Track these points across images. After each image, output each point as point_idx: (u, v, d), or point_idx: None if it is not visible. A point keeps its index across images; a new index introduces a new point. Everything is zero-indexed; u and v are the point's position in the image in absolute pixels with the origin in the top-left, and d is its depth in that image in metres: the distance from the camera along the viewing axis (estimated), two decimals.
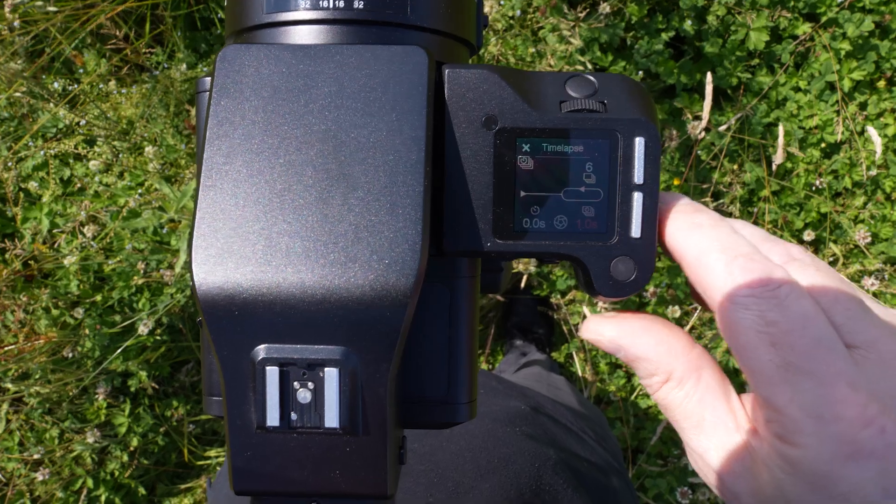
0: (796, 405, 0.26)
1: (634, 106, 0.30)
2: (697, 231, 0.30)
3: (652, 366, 0.30)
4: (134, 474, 1.41)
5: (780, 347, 0.27)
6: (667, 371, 0.30)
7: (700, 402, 0.30)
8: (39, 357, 1.32)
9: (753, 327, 0.27)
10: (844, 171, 1.55)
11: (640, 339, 0.30)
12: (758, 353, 0.27)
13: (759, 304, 0.27)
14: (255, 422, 0.27)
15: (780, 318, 0.27)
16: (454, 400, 0.34)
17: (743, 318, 0.27)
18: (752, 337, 0.27)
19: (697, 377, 0.30)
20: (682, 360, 0.30)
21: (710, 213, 0.30)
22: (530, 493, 0.67)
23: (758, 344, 0.27)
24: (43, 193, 1.41)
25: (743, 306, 0.27)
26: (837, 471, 0.26)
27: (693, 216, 0.30)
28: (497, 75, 0.30)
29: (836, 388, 0.26)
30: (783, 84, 1.55)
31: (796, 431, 0.27)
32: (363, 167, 0.27)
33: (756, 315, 0.27)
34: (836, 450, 0.26)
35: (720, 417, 0.30)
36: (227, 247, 0.27)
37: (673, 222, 0.31)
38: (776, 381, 0.27)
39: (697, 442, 0.30)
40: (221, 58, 0.29)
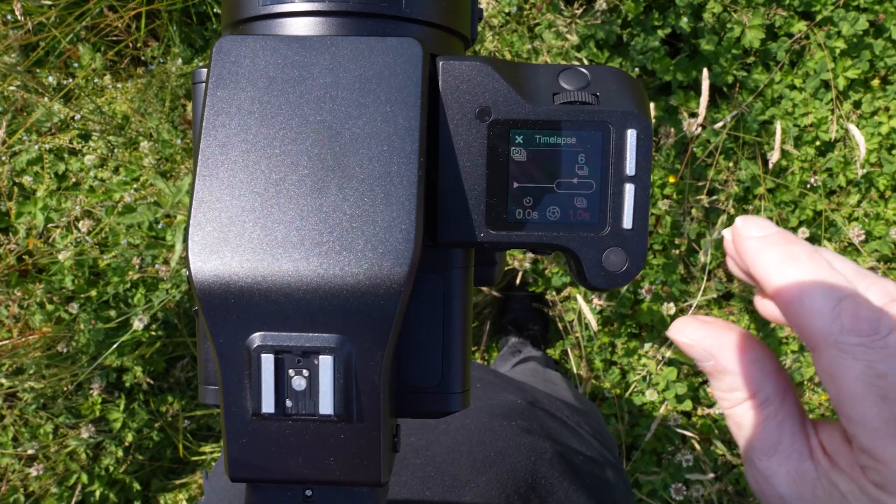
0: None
1: (627, 98, 0.30)
2: (795, 264, 0.29)
3: (739, 381, 0.30)
4: (128, 470, 1.41)
5: (889, 401, 0.26)
6: (753, 390, 0.30)
7: (780, 426, 0.30)
8: (34, 352, 1.32)
9: (861, 378, 0.27)
10: (839, 169, 1.55)
11: (734, 353, 0.30)
12: (865, 404, 0.27)
13: (869, 355, 0.26)
14: (251, 409, 0.28)
15: (891, 371, 0.26)
16: (448, 389, 0.34)
17: (850, 368, 0.27)
18: (859, 387, 0.27)
19: (781, 401, 0.30)
20: (772, 382, 0.30)
21: (804, 245, 0.30)
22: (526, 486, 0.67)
23: (865, 395, 0.27)
24: (37, 188, 1.41)
25: (851, 355, 0.27)
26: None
27: (789, 247, 0.29)
28: (491, 67, 0.30)
29: None
30: (778, 82, 1.55)
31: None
32: (358, 157, 0.27)
33: (865, 365, 0.26)
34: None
35: (796, 444, 0.30)
36: (223, 236, 0.27)
37: (765, 252, 0.30)
38: (883, 434, 0.26)
39: (766, 465, 0.30)
40: (218, 49, 0.29)
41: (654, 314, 1.46)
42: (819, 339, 0.28)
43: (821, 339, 0.27)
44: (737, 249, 0.31)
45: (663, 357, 1.46)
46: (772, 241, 0.30)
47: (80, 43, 1.44)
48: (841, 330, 0.27)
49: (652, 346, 1.48)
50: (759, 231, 0.30)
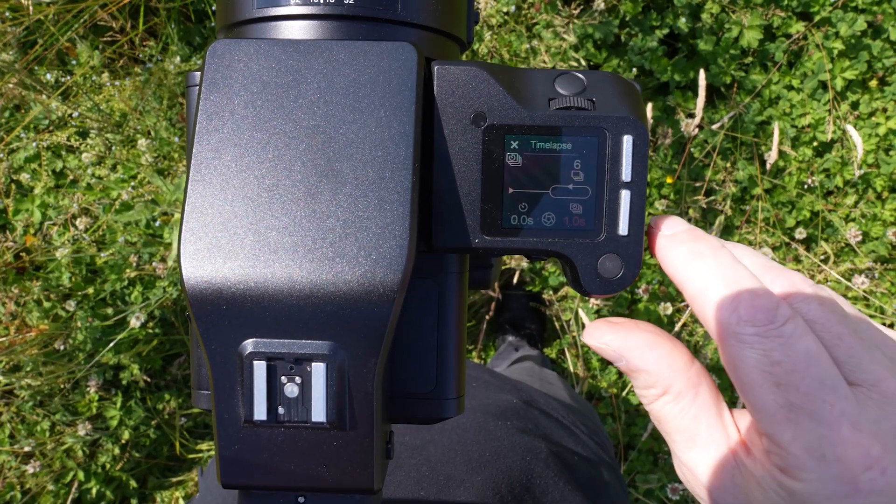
0: (799, 444, 0.27)
1: (623, 104, 0.30)
2: (699, 261, 0.30)
3: (651, 378, 0.31)
4: (125, 467, 1.41)
5: (783, 388, 0.27)
6: (665, 385, 0.31)
7: (695, 418, 0.30)
8: (31, 349, 1.31)
9: (758, 366, 0.27)
10: (836, 169, 1.56)
11: (644, 352, 0.31)
12: (761, 392, 0.27)
13: (764, 343, 0.27)
14: (243, 416, 0.28)
15: (784, 358, 0.27)
16: (442, 395, 0.34)
17: (747, 357, 0.28)
18: (756, 375, 0.28)
19: (695, 393, 0.30)
20: (682, 377, 0.31)
21: (710, 240, 0.31)
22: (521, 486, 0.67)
23: (762, 382, 0.27)
24: (35, 185, 1.41)
25: (748, 344, 0.28)
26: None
27: (694, 244, 0.30)
28: (486, 72, 0.30)
29: (839, 429, 0.27)
30: (776, 82, 1.55)
31: (798, 468, 0.27)
32: (352, 163, 0.27)
33: (760, 354, 0.27)
34: (837, 489, 0.27)
35: (713, 434, 0.30)
36: (215, 241, 0.27)
37: (673, 250, 0.31)
38: (779, 420, 0.27)
39: (688, 456, 0.31)
40: (211, 52, 0.29)
41: (651, 314, 1.46)
42: (720, 330, 0.28)
43: (721, 329, 0.28)
44: (650, 248, 0.32)
45: None
46: (679, 238, 0.31)
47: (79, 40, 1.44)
48: (738, 320, 0.28)
49: None
50: (669, 230, 0.31)
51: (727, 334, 0.28)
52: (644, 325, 0.32)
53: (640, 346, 0.31)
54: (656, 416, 0.32)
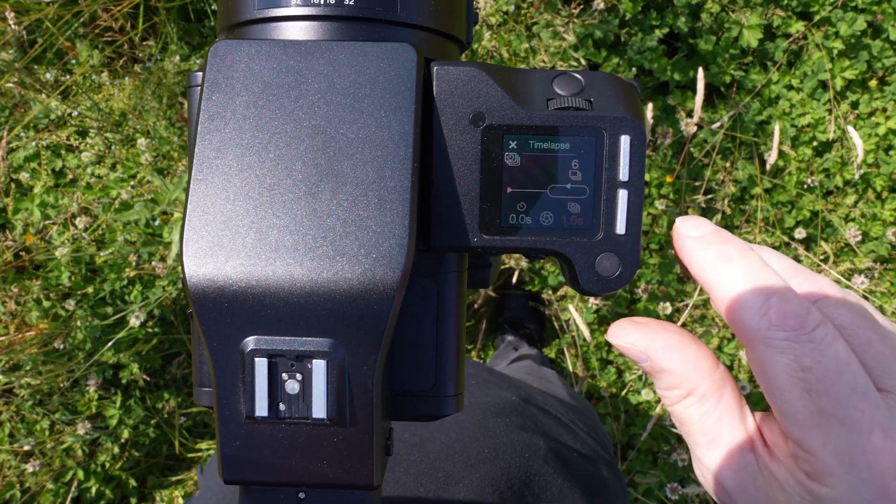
0: (829, 450, 0.27)
1: (620, 104, 0.31)
2: (727, 263, 0.30)
3: (676, 380, 0.31)
4: (125, 466, 1.41)
5: (813, 394, 0.27)
6: (690, 387, 0.31)
7: (718, 421, 0.30)
8: (30, 348, 1.31)
9: (787, 371, 0.27)
10: (836, 169, 1.56)
11: (670, 353, 0.31)
12: (791, 397, 0.27)
13: (795, 349, 0.27)
14: (244, 412, 0.28)
15: (815, 364, 0.27)
16: (441, 393, 0.35)
17: (777, 362, 0.28)
18: (785, 381, 0.27)
19: (719, 396, 0.30)
20: (707, 379, 0.30)
21: (738, 242, 0.30)
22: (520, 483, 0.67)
23: (792, 388, 0.27)
24: (35, 184, 1.41)
25: (778, 350, 0.27)
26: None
27: (721, 246, 0.30)
28: (485, 73, 0.30)
29: (870, 436, 0.27)
30: (776, 82, 1.56)
31: (827, 474, 0.27)
32: (352, 162, 0.28)
33: (791, 359, 0.27)
34: (867, 496, 0.27)
35: (736, 437, 0.30)
36: (217, 240, 0.27)
37: (700, 252, 0.31)
38: (809, 426, 0.27)
39: (710, 458, 0.31)
40: (213, 53, 0.29)
41: (650, 313, 1.46)
42: (749, 335, 0.28)
43: (750, 334, 0.28)
44: (676, 250, 0.32)
45: None
46: (706, 240, 0.31)
47: (78, 40, 1.44)
48: (769, 325, 0.28)
49: None
50: (696, 231, 0.31)
51: (757, 338, 0.28)
52: (669, 325, 0.32)
53: (666, 347, 0.31)
54: (679, 417, 0.32)
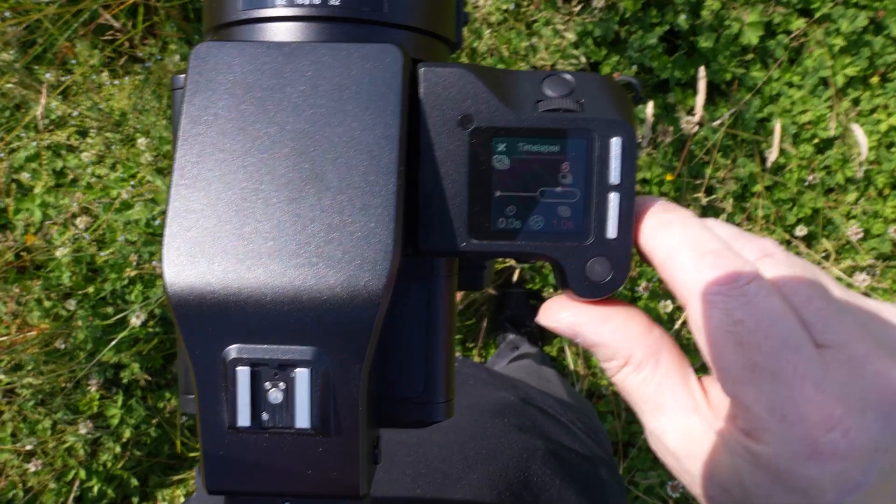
0: (762, 405, 0.27)
1: (611, 106, 0.30)
2: (667, 229, 0.30)
3: (610, 351, 0.31)
4: (126, 465, 1.41)
5: (746, 347, 0.27)
6: (624, 356, 0.30)
7: (659, 386, 0.30)
8: (32, 348, 1.32)
9: (720, 325, 0.27)
10: (837, 166, 1.55)
11: (598, 325, 0.31)
12: (724, 352, 0.27)
13: (727, 302, 0.27)
14: (227, 422, 0.27)
15: (747, 317, 0.27)
16: (431, 399, 0.34)
17: (710, 316, 0.27)
18: (718, 335, 0.27)
19: (656, 361, 0.30)
20: (641, 345, 0.30)
21: (681, 211, 0.30)
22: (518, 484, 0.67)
23: (724, 342, 0.27)
24: (35, 185, 1.41)
25: (710, 304, 0.27)
26: (798, 469, 0.27)
27: (663, 215, 0.30)
28: (473, 74, 0.30)
29: (802, 389, 0.26)
30: (777, 79, 1.55)
31: (761, 429, 0.27)
32: (336, 167, 0.27)
33: (723, 313, 0.27)
34: (799, 450, 0.26)
35: (679, 400, 0.30)
36: (198, 246, 0.26)
37: (644, 223, 0.31)
38: (742, 381, 0.27)
39: (656, 424, 0.31)
40: (195, 55, 0.28)
41: (651, 312, 1.46)
42: (684, 292, 0.28)
43: (685, 291, 0.28)
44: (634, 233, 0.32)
45: None
46: (651, 212, 0.31)
47: (77, 40, 1.44)
48: (702, 280, 0.28)
49: None
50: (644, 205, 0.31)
51: (691, 294, 0.28)
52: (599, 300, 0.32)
53: (593, 320, 0.31)
54: (620, 387, 0.31)
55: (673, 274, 0.29)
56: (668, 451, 0.31)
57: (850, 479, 0.26)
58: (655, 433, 0.31)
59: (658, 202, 0.31)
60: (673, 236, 0.29)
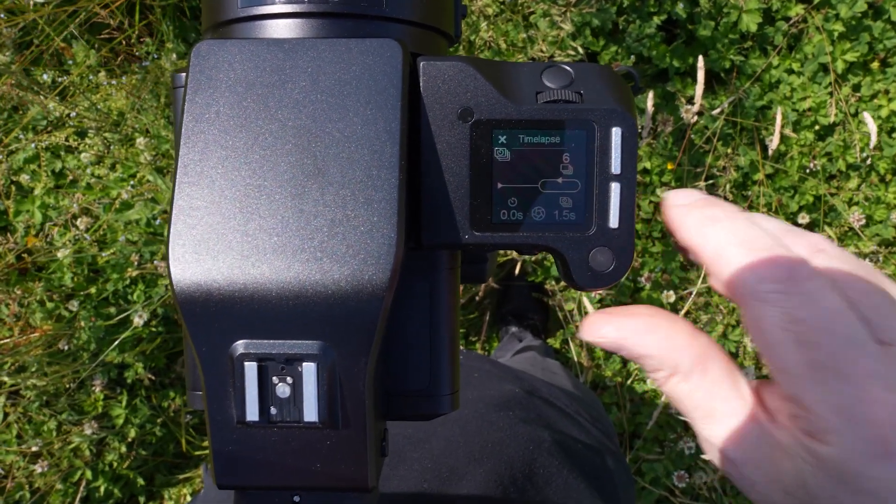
0: (826, 405, 0.26)
1: (611, 96, 0.30)
2: (714, 225, 0.29)
3: (656, 362, 0.30)
4: (132, 465, 1.41)
5: (807, 346, 0.26)
6: (671, 366, 0.30)
7: (709, 393, 0.30)
8: (35, 350, 1.32)
9: (779, 324, 0.26)
10: (838, 153, 1.55)
11: (643, 337, 0.30)
12: (785, 352, 0.26)
13: (785, 301, 0.26)
14: (236, 417, 0.28)
15: (807, 316, 0.26)
16: (436, 392, 0.34)
17: (768, 316, 0.27)
18: (777, 334, 0.26)
19: (703, 369, 0.30)
20: (687, 354, 0.30)
21: (726, 206, 0.30)
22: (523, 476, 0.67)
23: (784, 342, 0.26)
24: (35, 186, 1.41)
25: (768, 303, 0.27)
26: (867, 470, 0.26)
27: (707, 210, 0.30)
28: (472, 67, 0.30)
29: (868, 388, 0.26)
30: (776, 66, 1.54)
31: (826, 430, 0.26)
32: (338, 162, 0.27)
33: (781, 312, 0.26)
34: (867, 450, 0.26)
35: (731, 406, 0.30)
36: (203, 243, 0.27)
37: (687, 218, 0.30)
38: (804, 380, 0.26)
39: (710, 431, 0.30)
40: (195, 53, 0.29)
41: (654, 302, 1.45)
42: (740, 292, 0.28)
43: (741, 290, 0.27)
44: (665, 223, 0.31)
45: None
46: (694, 206, 0.30)
47: (74, 40, 1.44)
48: (758, 279, 0.27)
49: None
50: (684, 199, 0.31)
51: (747, 294, 0.27)
52: (639, 309, 0.31)
53: (637, 332, 0.30)
54: (671, 396, 0.31)
55: (723, 271, 0.28)
56: (726, 459, 0.30)
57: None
58: (710, 441, 0.30)
59: (695, 194, 0.31)
60: (720, 233, 0.29)
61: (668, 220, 0.31)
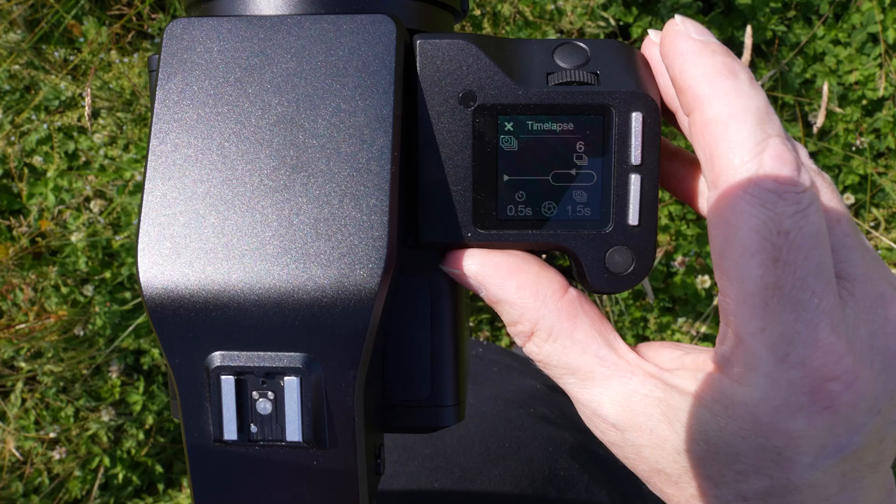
0: (763, 338, 0.22)
1: (631, 76, 0.27)
2: (732, 79, 0.24)
3: (516, 312, 0.27)
4: (150, 452, 1.40)
5: (779, 265, 0.22)
6: (531, 319, 0.26)
7: (583, 353, 0.26)
8: (51, 335, 1.31)
9: (761, 231, 0.22)
10: (887, 129, 1.47)
11: (505, 278, 0.27)
12: (750, 263, 0.22)
13: (778, 206, 0.22)
14: (213, 434, 0.26)
15: (795, 230, 0.22)
16: (438, 402, 0.32)
17: (752, 216, 0.22)
18: (753, 242, 0.22)
19: (573, 325, 0.26)
20: (553, 308, 0.26)
21: (747, 69, 0.25)
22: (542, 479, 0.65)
23: (756, 251, 0.22)
24: (48, 168, 1.39)
25: (759, 202, 0.22)
26: (782, 421, 0.23)
27: (729, 60, 0.24)
28: (475, 45, 0.27)
29: (817, 327, 0.22)
30: (821, 37, 1.48)
31: (750, 368, 0.23)
32: (324, 153, 0.25)
33: (769, 217, 0.22)
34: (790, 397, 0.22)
35: (612, 366, 0.26)
36: (176, 245, 0.25)
37: (701, 58, 0.24)
38: (753, 304, 0.22)
39: (589, 395, 0.27)
40: (168, 33, 0.26)
41: (687, 287, 1.39)
42: (728, 174, 0.23)
43: (731, 173, 0.23)
44: (665, 48, 0.26)
45: (698, 332, 1.40)
46: (712, 48, 0.25)
47: (84, 17, 1.41)
48: (759, 168, 0.23)
49: (686, 321, 1.43)
50: (699, 34, 0.25)
51: (737, 180, 0.23)
52: (510, 251, 0.28)
53: (500, 271, 0.27)
54: (537, 359, 0.28)
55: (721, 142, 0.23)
56: (608, 424, 0.27)
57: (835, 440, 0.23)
58: (589, 405, 0.27)
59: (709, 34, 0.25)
60: (736, 92, 0.24)
61: (672, 50, 0.25)
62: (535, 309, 0.26)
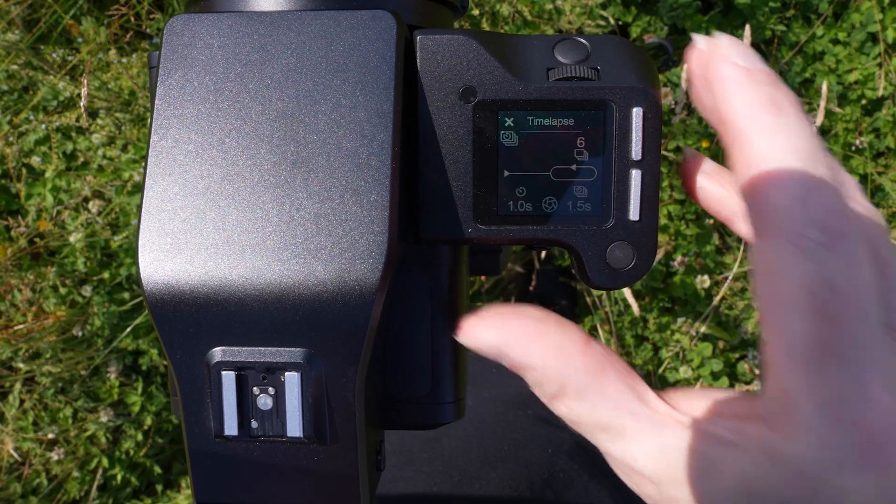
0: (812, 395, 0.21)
1: (631, 72, 0.27)
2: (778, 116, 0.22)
3: (540, 375, 0.26)
4: (149, 453, 1.40)
5: (826, 321, 0.21)
6: (558, 381, 0.25)
7: (615, 409, 0.25)
8: (49, 336, 1.30)
9: (805, 283, 0.21)
10: (887, 129, 1.47)
11: (527, 343, 0.26)
12: (794, 317, 0.21)
13: (825, 258, 0.21)
14: (213, 430, 0.26)
15: (842, 283, 0.21)
16: (438, 399, 0.32)
17: (796, 268, 0.21)
18: (797, 294, 0.21)
19: (601, 383, 0.25)
20: (578, 366, 0.25)
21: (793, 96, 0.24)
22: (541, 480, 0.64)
23: (800, 305, 0.21)
24: (46, 168, 1.38)
25: (804, 253, 0.21)
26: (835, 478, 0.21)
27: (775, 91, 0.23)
28: (475, 41, 0.27)
29: (868, 384, 0.21)
30: (821, 36, 1.47)
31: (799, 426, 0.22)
32: (324, 148, 0.26)
33: (816, 270, 0.21)
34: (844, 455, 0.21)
35: (644, 420, 0.25)
36: (176, 240, 0.25)
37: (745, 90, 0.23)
38: (799, 360, 0.21)
39: (622, 450, 0.26)
40: (169, 29, 0.27)
41: (687, 287, 1.39)
42: (773, 222, 0.22)
43: (776, 222, 0.22)
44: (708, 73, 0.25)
45: (697, 332, 1.40)
46: (757, 77, 0.24)
47: (83, 17, 1.41)
48: (805, 218, 0.21)
49: (685, 321, 1.42)
50: (743, 59, 0.24)
51: (781, 229, 0.22)
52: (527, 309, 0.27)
53: (520, 337, 0.26)
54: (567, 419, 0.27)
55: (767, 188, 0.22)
56: (645, 479, 0.26)
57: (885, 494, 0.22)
58: (625, 460, 0.26)
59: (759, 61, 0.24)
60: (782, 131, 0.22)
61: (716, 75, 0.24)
62: (561, 369, 0.25)
